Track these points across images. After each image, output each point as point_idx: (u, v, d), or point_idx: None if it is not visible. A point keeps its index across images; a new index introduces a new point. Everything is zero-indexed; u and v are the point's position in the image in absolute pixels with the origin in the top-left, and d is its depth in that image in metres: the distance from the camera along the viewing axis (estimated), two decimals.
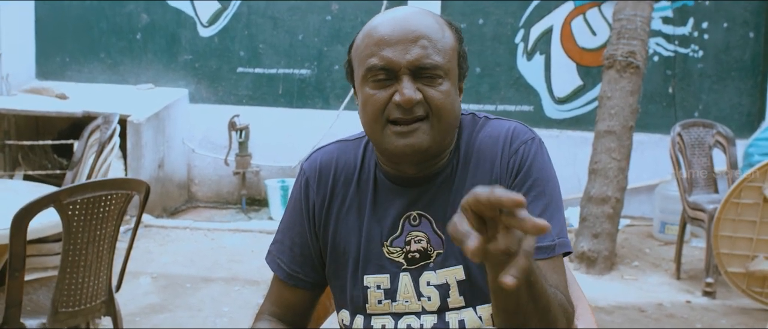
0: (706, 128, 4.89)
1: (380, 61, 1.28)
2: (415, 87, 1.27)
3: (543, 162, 1.35)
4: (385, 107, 1.29)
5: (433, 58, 1.28)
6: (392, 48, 1.28)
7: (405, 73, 1.27)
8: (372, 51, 1.29)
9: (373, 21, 1.34)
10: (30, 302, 2.68)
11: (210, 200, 6.39)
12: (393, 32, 1.29)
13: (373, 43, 1.30)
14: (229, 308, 4.01)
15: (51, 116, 5.77)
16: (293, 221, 1.47)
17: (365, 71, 1.30)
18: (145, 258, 4.74)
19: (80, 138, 3.67)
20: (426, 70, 1.28)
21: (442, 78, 1.29)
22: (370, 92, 1.30)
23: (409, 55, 1.27)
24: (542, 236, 1.28)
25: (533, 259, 1.25)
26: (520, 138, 1.35)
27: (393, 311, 1.38)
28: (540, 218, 0.92)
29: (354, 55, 1.36)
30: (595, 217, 4.79)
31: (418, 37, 1.28)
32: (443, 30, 1.32)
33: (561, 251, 1.32)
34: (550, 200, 1.33)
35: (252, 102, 6.33)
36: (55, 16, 6.42)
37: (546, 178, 1.34)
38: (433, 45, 1.28)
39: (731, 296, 4.37)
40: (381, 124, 1.30)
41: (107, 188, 2.50)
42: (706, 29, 5.92)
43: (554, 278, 1.29)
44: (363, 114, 1.33)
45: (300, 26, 6.26)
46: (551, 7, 6.04)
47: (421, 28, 1.29)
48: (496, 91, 6.15)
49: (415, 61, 1.27)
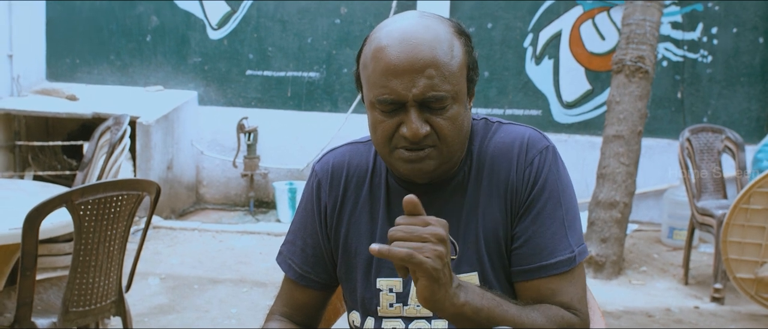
0: (715, 133, 4.88)
1: (389, 94, 1.27)
2: (423, 118, 1.27)
3: (558, 172, 1.36)
4: (393, 135, 1.29)
5: (440, 89, 1.26)
6: (399, 79, 1.25)
7: (412, 105, 1.27)
8: (380, 81, 1.27)
9: (380, 37, 1.30)
10: (41, 301, 2.70)
11: (218, 202, 6.41)
12: (400, 60, 1.25)
13: (380, 71, 1.27)
14: (237, 309, 4.02)
15: (61, 117, 5.80)
16: (305, 222, 1.47)
17: (374, 100, 1.30)
18: (154, 259, 4.76)
19: (91, 139, 3.69)
20: (433, 102, 1.27)
21: (449, 104, 1.28)
22: (379, 118, 1.30)
23: (416, 88, 1.25)
24: (561, 250, 1.31)
25: (555, 273, 1.30)
26: (535, 147, 1.35)
27: (404, 315, 1.39)
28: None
29: (362, 72, 1.34)
30: (603, 222, 4.78)
31: (425, 65, 1.25)
32: (452, 48, 1.28)
33: (581, 259, 1.34)
34: (567, 210, 1.34)
35: (261, 105, 6.35)
36: (65, 17, 6.46)
37: (562, 188, 1.35)
38: (441, 73, 1.26)
39: (740, 302, 4.36)
40: (389, 148, 1.31)
41: (118, 189, 2.51)
42: (715, 34, 5.91)
43: (570, 291, 1.31)
44: (372, 134, 1.35)
45: (309, 29, 6.27)
46: (560, 12, 6.04)
47: (429, 54, 1.25)
48: (504, 95, 6.15)
49: (421, 95, 1.26)
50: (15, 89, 6.08)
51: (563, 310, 1.31)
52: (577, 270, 1.34)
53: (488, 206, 1.36)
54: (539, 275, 1.32)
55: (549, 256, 1.30)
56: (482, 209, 1.36)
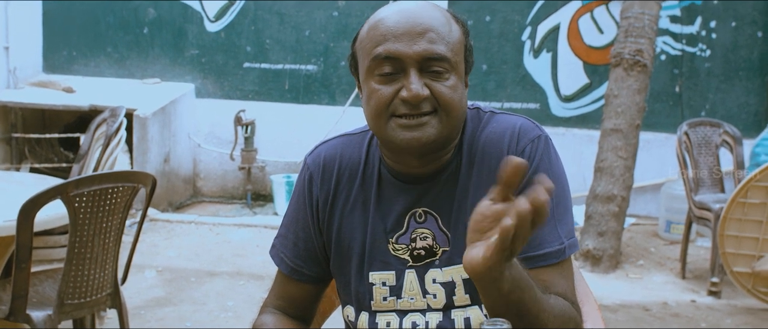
0: (713, 128, 4.88)
1: (386, 51, 1.25)
2: (423, 82, 1.25)
3: (550, 162, 1.33)
4: (391, 102, 1.27)
5: (441, 50, 1.25)
6: (399, 39, 1.25)
7: (412, 66, 1.25)
8: (378, 42, 1.27)
9: (378, 13, 1.32)
10: (36, 294, 2.69)
11: (215, 195, 6.40)
12: (399, 24, 1.26)
13: (379, 34, 1.27)
14: (234, 302, 4.02)
15: (58, 109, 5.79)
16: (297, 215, 1.46)
17: (370, 62, 1.28)
18: (151, 252, 4.75)
19: (87, 131, 3.67)
20: (433, 62, 1.25)
21: (449, 72, 1.27)
22: (376, 87, 1.28)
23: (417, 46, 1.25)
24: (551, 242, 1.28)
25: (544, 265, 1.26)
26: (527, 136, 1.33)
27: (398, 308, 1.38)
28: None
29: (358, 48, 1.33)
30: (600, 215, 4.78)
31: (425, 29, 1.26)
32: (450, 23, 1.30)
33: (571, 253, 1.31)
34: (559, 201, 1.31)
35: (258, 97, 6.33)
36: (62, 9, 6.44)
37: (554, 178, 1.31)
38: (441, 37, 1.26)
39: (736, 296, 4.36)
40: (385, 118, 1.28)
41: (114, 181, 2.50)
42: (713, 28, 5.90)
43: (562, 283, 1.28)
44: (367, 108, 1.31)
45: (306, 22, 6.26)
46: (558, 5, 6.02)
47: (428, 20, 1.27)
48: (502, 88, 6.14)
49: (423, 53, 1.25)
50: (11, 81, 6.06)
51: (566, 302, 1.27)
52: (567, 264, 1.31)
53: (480, 196, 1.33)
54: (527, 266, 1.28)
55: (537, 247, 1.27)
56: (474, 200, 1.33)
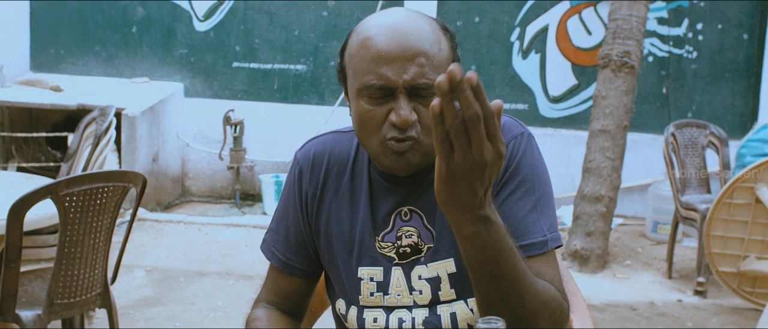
0: (700, 129, 4.92)
1: (378, 80, 1.27)
2: (411, 107, 1.28)
3: (532, 157, 1.36)
4: (380, 124, 1.29)
5: (430, 77, 1.27)
6: (389, 66, 1.27)
7: (401, 92, 1.27)
8: (369, 68, 1.28)
9: (368, 28, 1.32)
10: (25, 293, 2.68)
11: (204, 195, 6.39)
12: (390, 48, 1.27)
13: (370, 58, 1.28)
14: (223, 302, 4.02)
15: (45, 108, 5.76)
16: (287, 210, 1.48)
17: (362, 87, 1.30)
18: (139, 252, 4.74)
19: (76, 130, 3.66)
20: (422, 89, 1.27)
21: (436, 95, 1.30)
22: (366, 107, 1.30)
23: (407, 74, 1.26)
24: (534, 233, 1.31)
25: (526, 256, 1.26)
26: (509, 133, 1.36)
27: (385, 304, 1.40)
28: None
29: (348, 63, 1.34)
30: (588, 215, 4.81)
31: (415, 54, 1.27)
32: (439, 41, 1.31)
33: (553, 245, 1.33)
34: (540, 196, 1.34)
35: (247, 97, 6.33)
36: (50, 8, 6.40)
37: (536, 174, 1.35)
38: (430, 62, 1.28)
39: (722, 295, 4.40)
40: (378, 139, 1.30)
41: (104, 181, 2.50)
42: (700, 30, 5.95)
43: (549, 272, 1.30)
44: (356, 124, 1.34)
45: (296, 22, 6.26)
46: (547, 6, 6.05)
47: (418, 43, 1.28)
48: (491, 89, 6.16)
49: (412, 82, 1.27)
50: None
51: (553, 287, 1.29)
52: (551, 256, 1.33)
53: None
54: None
55: (521, 238, 1.29)
56: None
